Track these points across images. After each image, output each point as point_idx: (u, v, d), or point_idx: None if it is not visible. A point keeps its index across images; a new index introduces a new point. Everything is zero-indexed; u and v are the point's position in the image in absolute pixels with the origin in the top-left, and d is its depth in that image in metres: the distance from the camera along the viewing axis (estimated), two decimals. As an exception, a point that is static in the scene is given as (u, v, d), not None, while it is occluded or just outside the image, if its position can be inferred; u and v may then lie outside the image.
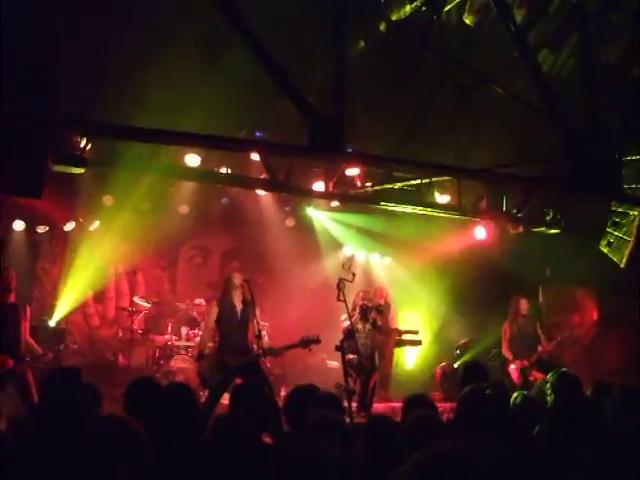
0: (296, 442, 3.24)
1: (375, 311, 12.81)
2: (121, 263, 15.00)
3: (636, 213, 10.97)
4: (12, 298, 10.28)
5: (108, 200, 13.99)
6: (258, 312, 10.93)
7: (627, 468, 2.68)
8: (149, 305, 14.50)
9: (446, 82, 10.39)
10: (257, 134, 11.77)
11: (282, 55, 7.64)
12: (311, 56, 9.32)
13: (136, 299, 14.41)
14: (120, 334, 14.46)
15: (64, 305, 14.14)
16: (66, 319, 13.99)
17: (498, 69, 9.84)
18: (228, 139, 9.19)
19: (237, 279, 10.77)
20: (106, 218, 14.41)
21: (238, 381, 9.65)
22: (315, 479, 2.04)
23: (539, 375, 12.88)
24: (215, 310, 10.77)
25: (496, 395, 5.87)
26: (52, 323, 13.85)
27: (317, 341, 10.92)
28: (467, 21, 9.31)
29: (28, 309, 10.56)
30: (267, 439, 5.49)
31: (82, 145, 9.39)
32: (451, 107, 10.83)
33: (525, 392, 6.90)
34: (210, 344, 10.99)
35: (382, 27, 9.86)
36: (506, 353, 13.07)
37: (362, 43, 9.98)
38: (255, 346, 10.50)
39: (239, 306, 10.68)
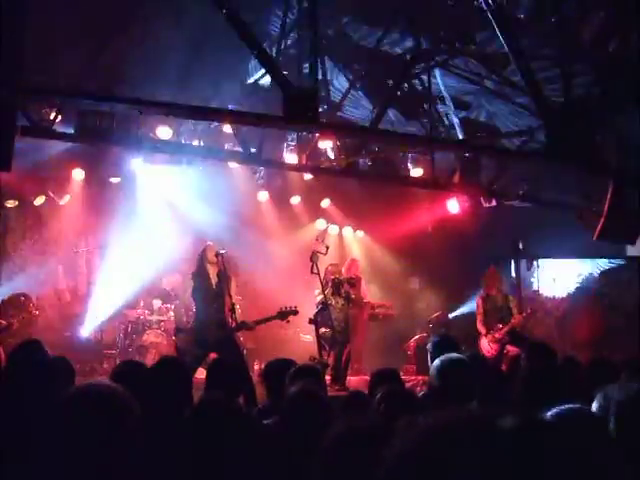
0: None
1: (347, 284, 12.79)
2: (92, 237, 14.85)
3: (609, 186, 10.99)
4: None
5: (78, 173, 13.85)
6: (233, 285, 10.87)
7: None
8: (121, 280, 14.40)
9: (420, 54, 10.32)
10: (229, 106, 11.66)
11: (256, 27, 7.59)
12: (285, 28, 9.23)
13: (107, 274, 14.30)
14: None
15: (36, 280, 13.98)
16: (37, 294, 13.83)
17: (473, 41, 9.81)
18: (203, 109, 9.11)
19: (211, 253, 10.71)
20: (77, 192, 14.26)
21: (213, 355, 9.63)
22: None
23: (512, 348, 12.95)
24: (190, 284, 10.74)
25: (472, 365, 5.87)
26: (23, 298, 13.69)
27: (295, 312, 10.92)
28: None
29: None
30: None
31: (51, 117, 9.26)
32: (425, 80, 10.77)
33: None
34: (185, 318, 10.97)
35: None
36: (480, 327, 13.11)
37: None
38: (230, 320, 10.47)
39: (214, 279, 10.64)
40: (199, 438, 3.30)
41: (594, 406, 3.41)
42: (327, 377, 10.52)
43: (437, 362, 5.35)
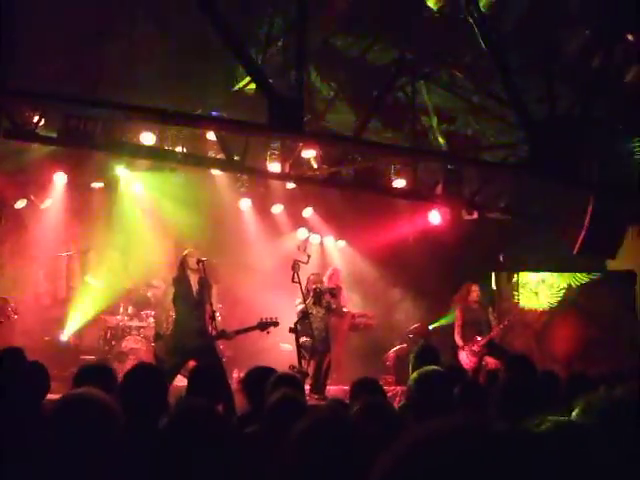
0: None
1: (329, 294, 12.80)
2: (73, 241, 14.78)
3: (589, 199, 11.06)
4: None
5: (60, 177, 13.79)
6: (214, 293, 10.86)
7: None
8: (101, 285, 14.32)
9: (405, 66, 10.36)
10: (213, 113, 11.65)
11: (242, 35, 7.59)
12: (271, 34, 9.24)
13: (88, 278, 14.24)
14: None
15: (15, 284, 13.89)
16: (16, 298, 13.73)
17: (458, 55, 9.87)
18: (187, 115, 9.11)
19: (192, 259, 10.68)
20: (58, 196, 14.20)
21: (192, 363, 9.60)
22: None
23: (491, 360, 13.00)
24: (171, 290, 10.72)
25: (451, 377, 5.89)
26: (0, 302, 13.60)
27: (275, 324, 10.91)
28: (430, 4, 9.28)
29: None
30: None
31: (34, 120, 9.22)
32: (409, 92, 10.81)
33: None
34: (165, 325, 10.93)
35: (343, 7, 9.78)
36: (457, 339, 13.16)
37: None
38: (210, 328, 10.44)
39: (195, 287, 10.61)
40: (177, 445, 3.28)
41: (574, 414, 3.43)
42: (306, 386, 10.51)
43: (415, 374, 5.37)
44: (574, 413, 3.52)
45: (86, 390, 3.44)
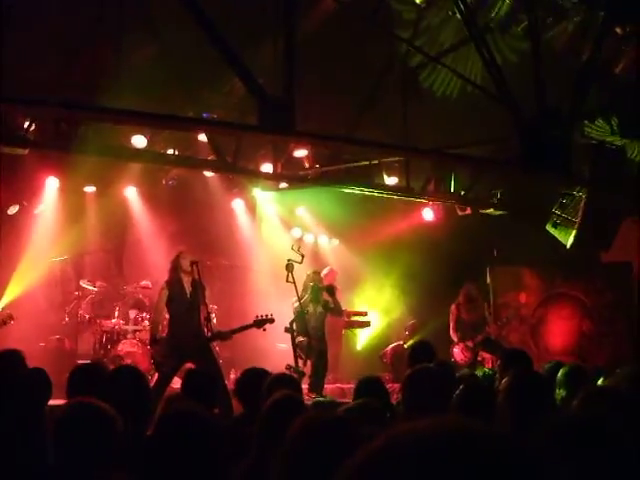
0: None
1: (326, 292, 12.79)
2: (67, 246, 14.75)
3: (582, 194, 11.07)
4: None
5: (53, 182, 13.76)
6: (207, 295, 10.87)
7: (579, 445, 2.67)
8: (95, 289, 14.30)
9: (395, 63, 10.38)
10: (204, 115, 11.64)
11: (231, 34, 7.58)
12: (260, 35, 9.24)
13: (82, 283, 14.22)
14: (66, 319, 14.23)
15: (9, 290, 13.86)
16: (11, 303, 13.71)
17: (448, 51, 9.88)
18: (178, 118, 9.12)
19: (185, 261, 10.67)
20: (51, 201, 14.17)
21: (188, 365, 9.60)
22: None
23: (487, 355, 13.03)
24: (165, 293, 10.71)
25: (443, 373, 5.90)
26: (-2, 307, 13.62)
27: (271, 320, 10.92)
28: (417, 1, 9.29)
29: None
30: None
31: (25, 126, 9.20)
32: (400, 88, 10.82)
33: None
34: (160, 328, 10.94)
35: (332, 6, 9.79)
36: (452, 334, 13.20)
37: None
38: (206, 329, 10.47)
39: (188, 289, 10.63)
40: (165, 451, 3.28)
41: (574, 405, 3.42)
42: (304, 386, 10.51)
43: (408, 372, 5.39)
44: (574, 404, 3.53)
45: (87, 400, 3.44)
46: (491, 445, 1.12)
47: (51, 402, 5.70)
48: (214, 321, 11.82)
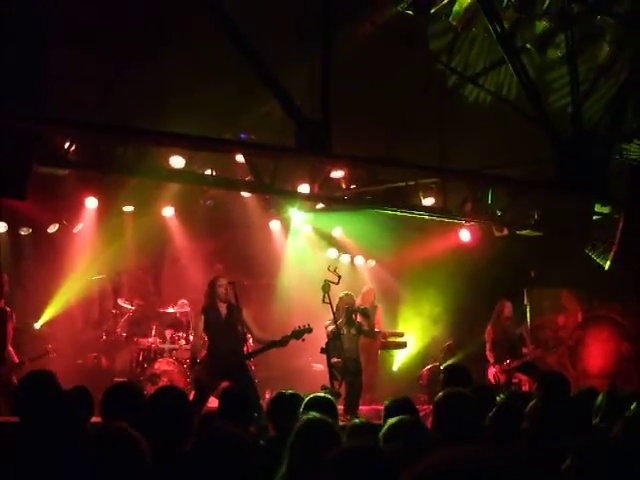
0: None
1: (360, 314, 12.79)
2: (105, 265, 14.90)
3: (620, 215, 10.99)
4: (1, 304, 10.39)
5: (92, 202, 13.92)
6: (245, 316, 10.99)
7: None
8: (133, 307, 14.40)
9: (432, 84, 10.40)
10: (242, 136, 11.73)
11: (268, 56, 7.65)
12: (297, 58, 9.32)
13: (120, 301, 14.33)
14: (103, 337, 14.34)
15: (48, 308, 14.02)
16: (49, 322, 13.88)
17: (485, 71, 9.89)
18: (216, 140, 9.21)
19: (221, 289, 10.83)
20: (90, 220, 14.33)
21: (224, 384, 9.65)
22: None
23: (524, 377, 12.92)
24: (201, 319, 11.03)
25: (477, 398, 5.85)
26: (37, 326, 13.76)
27: (309, 330, 10.98)
28: (453, 22, 9.31)
29: (14, 315, 10.65)
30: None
31: (66, 146, 9.33)
32: (437, 109, 10.83)
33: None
34: (200, 350, 11.14)
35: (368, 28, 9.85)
36: (489, 355, 13.12)
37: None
38: (243, 348, 10.76)
39: (224, 312, 10.90)
40: (202, 472, 3.30)
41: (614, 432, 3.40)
42: (340, 407, 10.50)
43: (438, 396, 5.37)
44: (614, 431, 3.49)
45: (115, 427, 3.47)
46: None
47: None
48: (250, 341, 11.88)
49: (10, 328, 10.86)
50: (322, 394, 6.36)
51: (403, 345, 15.45)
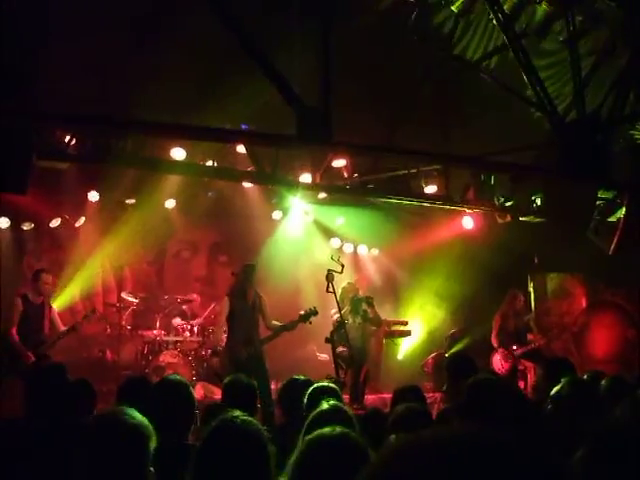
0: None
1: (365, 303, 12.78)
2: (108, 259, 14.90)
3: (623, 199, 10.95)
4: (40, 299, 11.56)
5: (93, 196, 13.90)
6: (264, 302, 11.46)
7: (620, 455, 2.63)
8: (137, 300, 14.40)
9: (433, 71, 10.35)
10: (242, 127, 11.69)
11: (267, 44, 7.62)
12: (296, 46, 9.27)
13: (124, 294, 14.33)
14: (108, 330, 14.36)
15: (52, 303, 14.03)
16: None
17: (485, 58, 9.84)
18: (216, 130, 9.16)
19: (250, 273, 11.19)
20: (92, 214, 14.32)
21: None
22: None
23: (528, 364, 12.92)
24: (227, 306, 11.29)
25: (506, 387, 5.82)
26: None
27: (315, 312, 11.23)
28: (453, 8, 9.26)
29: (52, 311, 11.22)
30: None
31: (66, 140, 9.30)
32: (438, 96, 10.80)
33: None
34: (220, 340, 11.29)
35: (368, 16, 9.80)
36: (494, 341, 13.13)
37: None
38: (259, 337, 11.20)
39: (251, 299, 11.25)
40: (218, 461, 3.28)
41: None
42: (345, 396, 10.50)
43: (470, 380, 5.31)
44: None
45: (117, 410, 3.46)
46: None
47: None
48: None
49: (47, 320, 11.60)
50: (326, 383, 6.35)
51: (407, 333, 15.44)
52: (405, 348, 16.40)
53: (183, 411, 4.68)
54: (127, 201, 14.56)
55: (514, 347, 12.89)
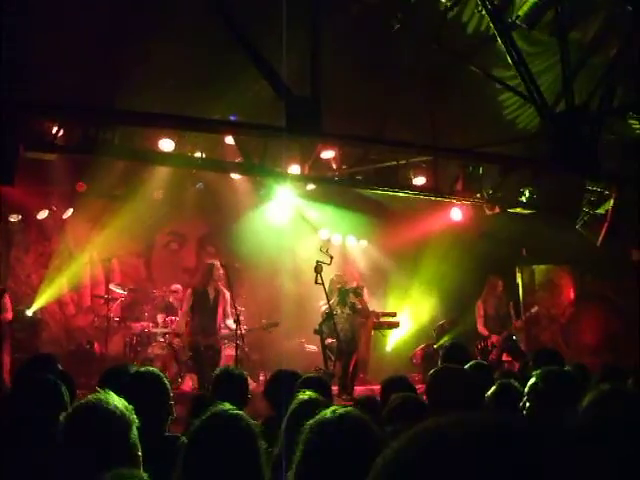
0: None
1: (353, 294, 12.77)
2: (96, 250, 14.84)
3: (611, 192, 10.98)
4: None
5: (81, 187, 13.84)
6: (235, 296, 11.37)
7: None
8: (125, 292, 14.36)
9: (422, 63, 10.35)
10: (231, 118, 11.66)
11: (257, 36, 7.59)
12: (286, 37, 9.23)
13: (112, 286, 14.26)
14: (96, 322, 14.31)
15: (40, 294, 13.98)
16: (42, 308, 13.84)
17: (475, 50, 9.84)
18: (205, 121, 9.13)
19: (217, 272, 11.64)
20: (80, 205, 14.26)
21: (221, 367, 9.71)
22: None
23: (507, 358, 12.96)
24: (191, 298, 11.83)
25: (475, 375, 5.84)
26: (29, 312, 13.71)
27: (276, 324, 12.63)
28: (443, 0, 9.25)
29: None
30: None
31: (54, 131, 9.25)
32: (427, 88, 10.79)
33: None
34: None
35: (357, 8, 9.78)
36: (482, 330, 13.16)
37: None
38: (225, 330, 11.94)
39: (212, 294, 11.72)
40: (209, 453, 3.27)
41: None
42: (334, 388, 10.49)
43: (433, 371, 5.37)
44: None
45: (98, 396, 3.44)
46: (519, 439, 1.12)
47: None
48: (243, 321, 12.01)
49: None
50: (314, 374, 6.35)
51: (396, 325, 15.45)
52: (394, 340, 16.41)
53: (156, 403, 4.66)
54: (115, 193, 14.49)
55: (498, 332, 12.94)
